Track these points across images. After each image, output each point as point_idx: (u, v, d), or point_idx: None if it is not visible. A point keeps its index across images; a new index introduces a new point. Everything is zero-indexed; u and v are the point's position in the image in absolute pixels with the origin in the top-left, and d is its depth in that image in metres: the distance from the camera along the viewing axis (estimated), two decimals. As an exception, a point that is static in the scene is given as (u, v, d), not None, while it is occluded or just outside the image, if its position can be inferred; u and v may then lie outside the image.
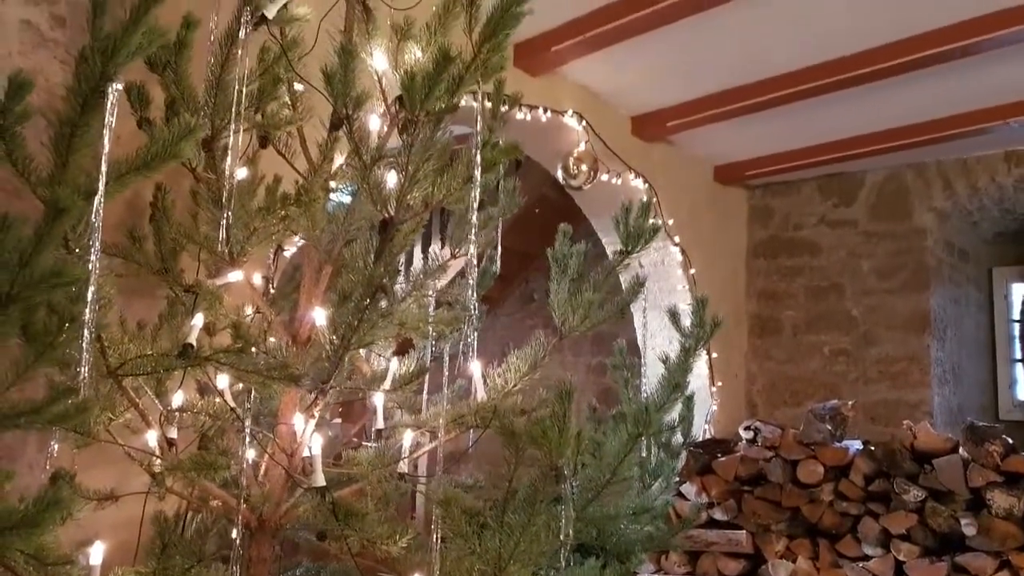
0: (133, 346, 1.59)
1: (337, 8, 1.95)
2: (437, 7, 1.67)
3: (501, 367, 1.96)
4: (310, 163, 1.80)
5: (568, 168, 4.21)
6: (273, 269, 2.20)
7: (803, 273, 5.41)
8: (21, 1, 1.96)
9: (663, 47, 3.62)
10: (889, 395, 4.99)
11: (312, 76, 1.98)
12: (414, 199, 1.45)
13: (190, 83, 1.70)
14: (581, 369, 6.25)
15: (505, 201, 2.06)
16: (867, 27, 3.42)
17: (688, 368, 2.04)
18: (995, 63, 3.59)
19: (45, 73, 2.00)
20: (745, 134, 4.69)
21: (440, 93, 1.33)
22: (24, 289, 1.07)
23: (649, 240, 2.05)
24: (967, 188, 4.89)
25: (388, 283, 1.41)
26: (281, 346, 1.60)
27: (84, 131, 1.22)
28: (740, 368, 5.51)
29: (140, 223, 2.02)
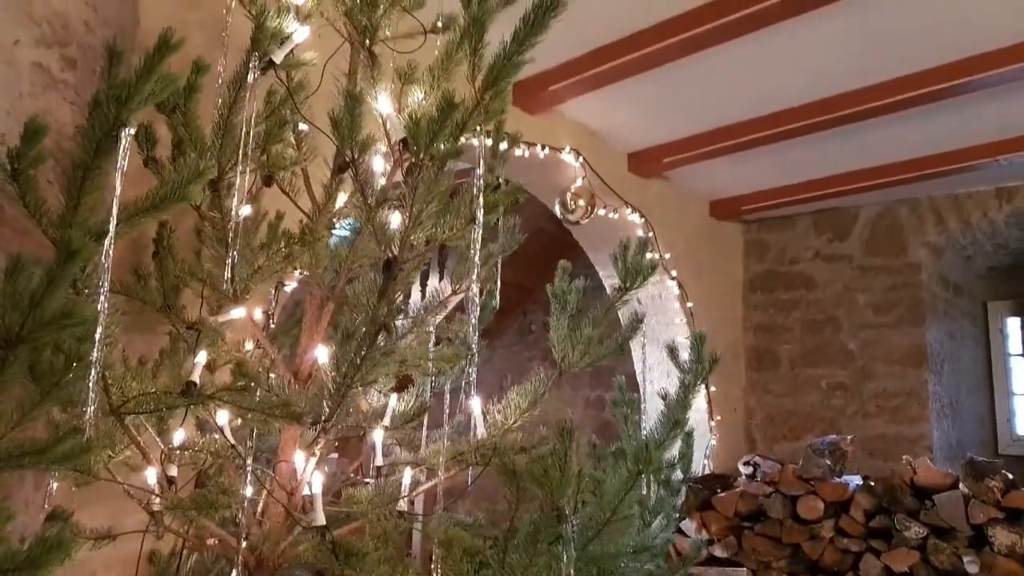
0: (135, 383, 1.60)
1: (342, 50, 2.00)
2: (439, 52, 1.71)
3: (501, 403, 1.96)
4: (314, 203, 1.83)
5: (566, 203, 4.26)
6: (274, 304, 2.22)
7: (799, 307, 5.44)
8: (34, 43, 1.99)
9: (658, 86, 3.69)
10: (888, 430, 4.98)
11: (317, 116, 2.02)
12: (418, 239, 1.47)
13: (198, 124, 1.74)
14: (580, 403, 6.24)
15: (505, 239, 2.09)
16: (860, 66, 3.49)
17: (688, 405, 2.05)
18: (984, 102, 3.66)
19: (54, 114, 2.03)
20: (740, 170, 4.76)
21: (444, 138, 1.36)
22: (34, 330, 1.08)
23: (647, 277, 2.07)
24: (959, 223, 4.94)
25: (391, 322, 1.43)
26: (283, 383, 1.61)
27: (96, 174, 1.24)
28: (738, 402, 5.51)
29: (143, 259, 2.04)
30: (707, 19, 3.07)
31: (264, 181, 1.92)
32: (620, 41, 3.33)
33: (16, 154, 1.19)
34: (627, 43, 3.32)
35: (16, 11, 1.96)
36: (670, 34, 3.19)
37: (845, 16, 3.03)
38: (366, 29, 1.71)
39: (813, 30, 3.15)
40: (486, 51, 1.45)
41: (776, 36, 3.17)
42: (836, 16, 3.02)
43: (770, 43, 3.25)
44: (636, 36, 3.28)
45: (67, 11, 2.09)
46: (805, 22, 3.06)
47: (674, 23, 3.16)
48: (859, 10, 2.99)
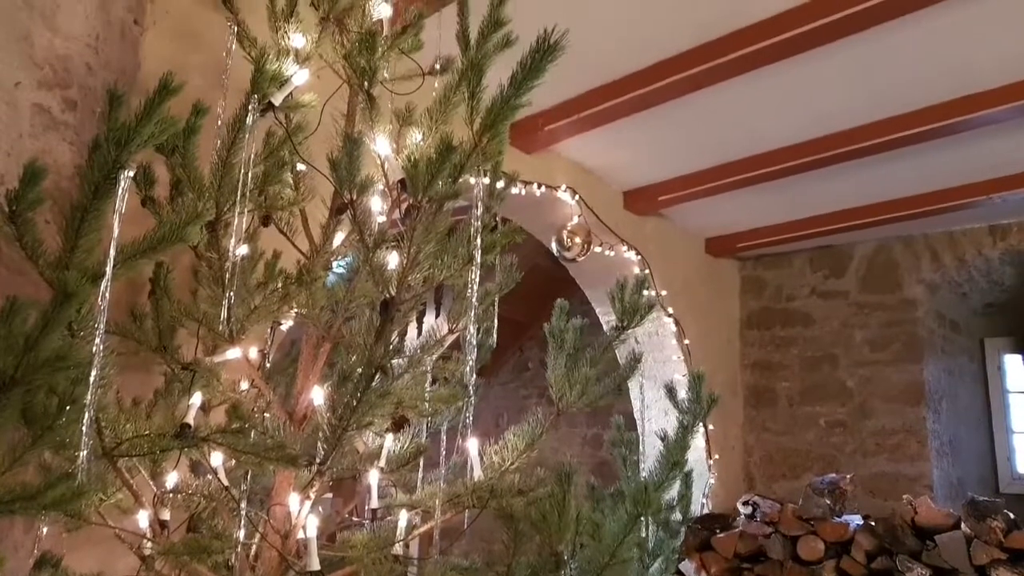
0: (129, 425, 1.58)
1: (340, 91, 2.02)
2: (437, 94, 1.73)
3: (498, 444, 1.95)
4: (311, 243, 1.83)
5: (562, 241, 4.28)
6: (269, 343, 2.21)
7: (797, 344, 5.43)
8: (35, 85, 2.01)
9: (653, 126, 3.73)
10: (887, 468, 4.94)
11: (315, 156, 2.04)
12: (415, 280, 1.47)
13: (196, 165, 1.74)
14: (577, 441, 6.19)
15: (503, 278, 2.09)
16: (854, 105, 3.53)
17: (686, 445, 2.03)
18: (977, 141, 3.70)
19: (54, 154, 2.04)
20: (736, 207, 4.79)
21: (442, 180, 1.37)
22: (28, 373, 1.07)
23: (644, 315, 2.07)
24: (954, 260, 4.96)
25: (388, 363, 1.42)
26: (278, 425, 1.59)
27: (94, 215, 1.24)
28: (737, 440, 5.47)
29: (139, 299, 2.04)
30: (702, 60, 3.12)
31: (262, 221, 1.93)
32: (616, 82, 3.38)
33: (15, 196, 1.19)
34: (622, 84, 3.36)
35: (19, 54, 1.98)
36: (665, 75, 3.24)
37: (838, 57, 3.08)
38: (364, 71, 1.73)
39: (807, 70, 3.20)
40: (484, 94, 1.47)
41: (770, 76, 3.22)
42: (829, 57, 3.07)
43: (764, 83, 3.30)
44: (631, 77, 3.32)
45: (69, 54, 2.12)
46: (799, 62, 3.10)
47: (669, 64, 3.20)
48: (852, 51, 3.04)
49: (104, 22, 2.26)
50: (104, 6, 2.27)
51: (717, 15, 2.91)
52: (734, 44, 3.01)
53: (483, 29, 1.55)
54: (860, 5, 2.69)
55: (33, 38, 2.04)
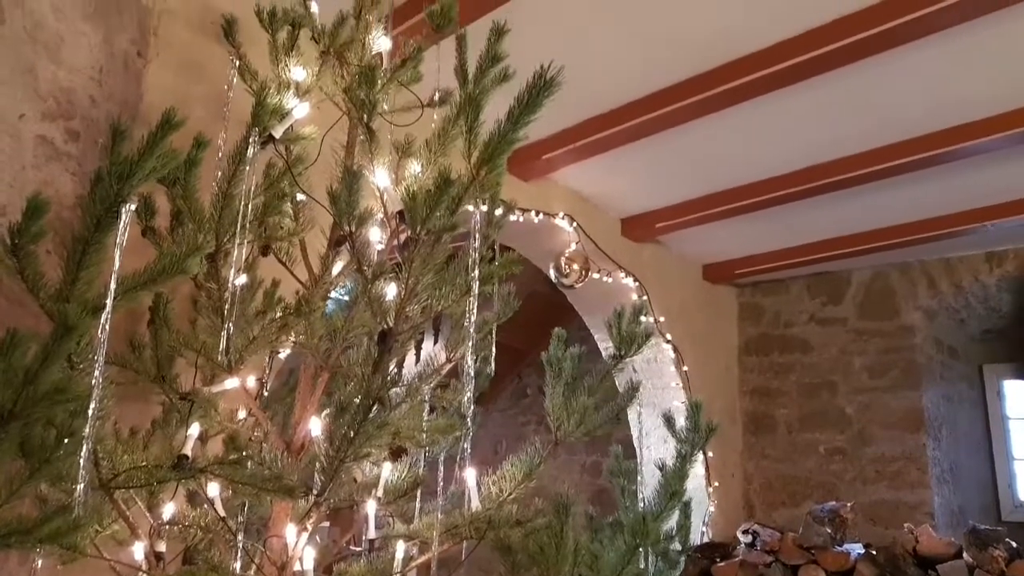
0: (127, 457, 1.58)
1: (340, 122, 2.04)
2: (436, 126, 1.75)
3: (496, 474, 1.94)
4: (311, 274, 1.84)
5: (560, 267, 4.29)
6: (268, 371, 2.21)
7: (795, 370, 5.42)
8: (39, 117, 2.04)
9: (650, 154, 3.76)
10: (888, 495, 4.92)
11: (315, 186, 2.06)
12: (413, 311, 1.48)
13: (197, 197, 1.76)
14: (575, 468, 6.16)
15: (501, 306, 2.10)
16: (848, 134, 3.57)
17: (685, 475, 2.02)
18: (971, 169, 3.73)
19: (56, 185, 2.06)
20: (732, 234, 4.81)
21: (440, 213, 1.39)
22: (27, 406, 1.08)
23: (642, 345, 2.07)
24: (951, 287, 4.98)
25: (385, 395, 1.42)
26: (276, 456, 1.59)
27: (95, 248, 1.26)
28: (736, 467, 5.45)
29: (138, 328, 2.04)
30: (697, 91, 3.16)
31: (261, 251, 1.94)
32: (612, 111, 3.41)
33: (17, 229, 1.20)
34: (619, 113, 3.40)
35: (24, 86, 2.01)
36: (661, 105, 3.27)
37: (831, 87, 3.12)
38: (364, 104, 1.76)
39: (800, 100, 3.23)
40: (482, 127, 1.49)
41: (765, 106, 3.26)
42: (822, 87, 3.11)
43: (759, 113, 3.33)
44: (628, 107, 3.36)
45: (73, 86, 2.15)
46: (792, 93, 3.14)
47: (665, 94, 3.24)
48: (845, 81, 3.08)
49: (108, 54, 2.30)
50: (108, 39, 2.30)
51: (712, 46, 2.96)
52: (729, 75, 3.05)
53: (481, 63, 1.58)
54: (852, 37, 2.74)
55: (38, 71, 2.07)
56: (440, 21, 1.89)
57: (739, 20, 2.78)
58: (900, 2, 2.60)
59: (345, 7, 2.02)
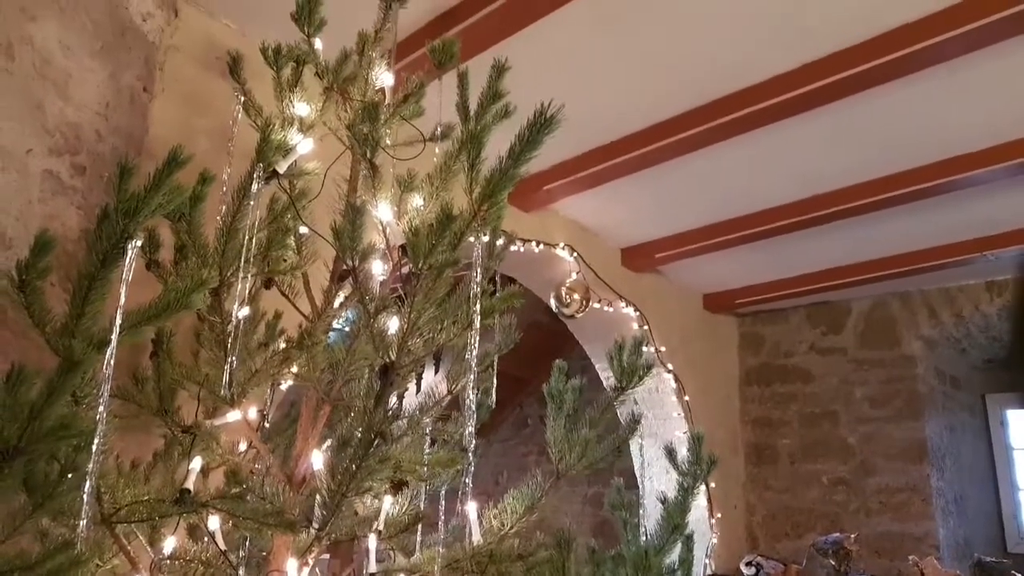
0: (128, 491, 1.58)
1: (343, 156, 2.07)
2: (438, 160, 1.78)
3: (497, 508, 1.93)
4: (313, 306, 1.85)
5: (561, 297, 4.30)
6: (269, 403, 2.21)
7: (797, 400, 5.41)
8: (46, 152, 2.07)
9: (650, 185, 3.80)
10: (892, 527, 4.87)
11: (317, 219, 2.08)
12: (415, 344, 1.49)
13: (201, 232, 1.78)
14: (577, 500, 6.11)
15: (502, 338, 2.10)
16: (847, 165, 3.60)
17: (687, 508, 2.02)
18: (969, 199, 3.76)
19: (61, 218, 2.08)
20: (732, 264, 4.83)
21: (442, 249, 1.40)
22: (31, 442, 1.08)
23: (643, 377, 2.08)
24: (952, 317, 4.98)
25: (387, 429, 1.43)
26: (277, 490, 1.59)
27: (101, 284, 1.27)
28: (739, 498, 5.41)
29: (141, 360, 2.05)
30: (696, 123, 3.19)
31: (264, 284, 1.95)
32: (612, 143, 3.45)
33: (25, 265, 1.22)
34: (619, 145, 3.43)
35: (31, 122, 2.04)
36: (661, 137, 3.31)
37: (829, 119, 3.16)
38: (367, 139, 1.78)
39: (799, 132, 3.27)
40: (483, 163, 1.51)
41: (764, 138, 3.29)
42: (820, 119, 3.14)
43: (758, 144, 3.37)
44: (628, 139, 3.40)
45: (80, 121, 2.18)
46: (791, 125, 3.18)
47: (664, 127, 3.28)
48: (843, 113, 3.12)
49: (114, 90, 2.34)
50: (115, 75, 2.34)
51: (711, 79, 3.00)
52: (728, 107, 3.09)
53: (482, 100, 1.61)
54: (850, 70, 2.78)
55: (46, 107, 2.10)
56: (442, 58, 1.93)
57: (737, 53, 2.82)
58: (897, 36, 2.64)
59: (348, 43, 2.06)
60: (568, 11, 2.50)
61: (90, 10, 2.23)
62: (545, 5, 2.49)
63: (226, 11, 2.64)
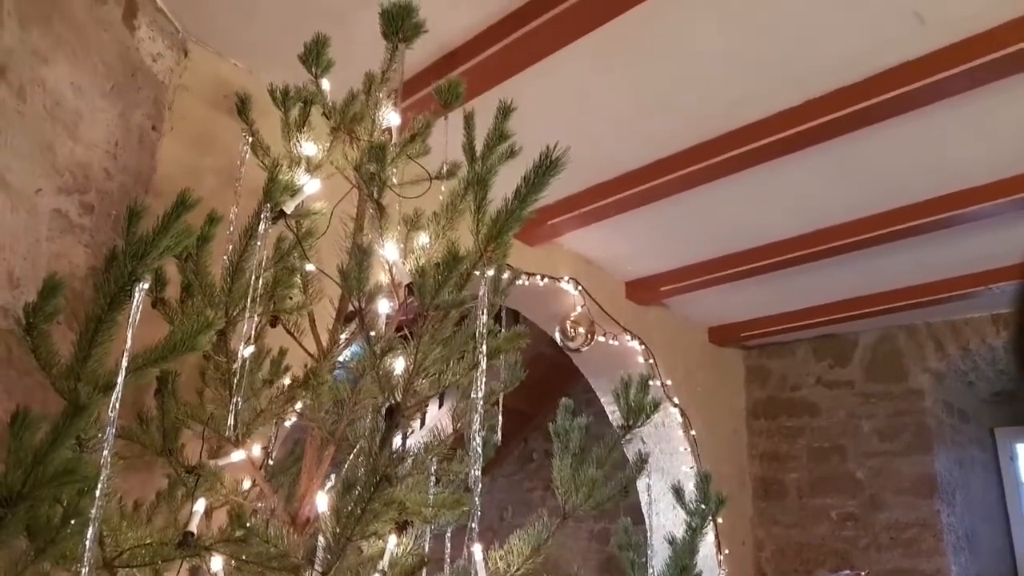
0: (131, 533, 1.56)
1: (350, 194, 2.08)
2: (444, 199, 1.79)
3: (503, 548, 1.91)
4: (319, 346, 1.85)
5: (565, 331, 4.29)
6: (273, 441, 2.20)
7: (804, 434, 5.36)
8: (55, 191, 2.08)
9: (654, 219, 3.81)
10: (903, 563, 4.80)
11: (323, 257, 2.09)
12: (421, 385, 1.48)
13: (209, 271, 1.78)
14: (583, 536, 6.03)
15: (507, 375, 2.09)
16: (850, 200, 3.61)
17: (695, 549, 1.99)
18: (973, 233, 3.76)
19: (69, 256, 2.09)
20: (738, 298, 4.82)
21: (449, 290, 1.40)
22: (35, 487, 1.08)
23: (650, 415, 2.06)
24: (959, 349, 4.96)
25: (392, 472, 1.41)
26: (281, 533, 1.57)
27: (108, 326, 1.27)
28: (747, 534, 5.34)
29: (145, 400, 2.04)
30: (700, 159, 3.21)
31: (270, 322, 1.95)
32: (616, 178, 3.47)
33: (32, 308, 1.22)
34: (623, 180, 3.45)
35: (41, 162, 2.06)
36: (664, 172, 3.33)
37: (833, 154, 3.18)
38: (374, 179, 1.79)
39: (805, 166, 3.28)
40: (490, 204, 1.52)
41: (767, 173, 3.30)
42: (824, 154, 3.16)
43: (762, 179, 3.38)
44: (632, 174, 3.42)
45: (89, 161, 2.20)
46: (794, 160, 3.19)
47: (668, 162, 3.30)
48: (846, 149, 3.14)
49: (124, 129, 2.36)
50: (124, 114, 2.37)
51: (713, 116, 3.02)
52: (733, 142, 3.10)
53: (488, 141, 1.62)
54: (854, 106, 2.79)
55: (56, 147, 2.12)
56: (448, 97, 1.95)
57: (740, 89, 2.85)
58: (899, 73, 2.66)
59: (355, 84, 2.08)
60: (571, 50, 2.53)
61: (102, 52, 2.27)
62: (548, 45, 2.52)
63: (234, 51, 2.67)
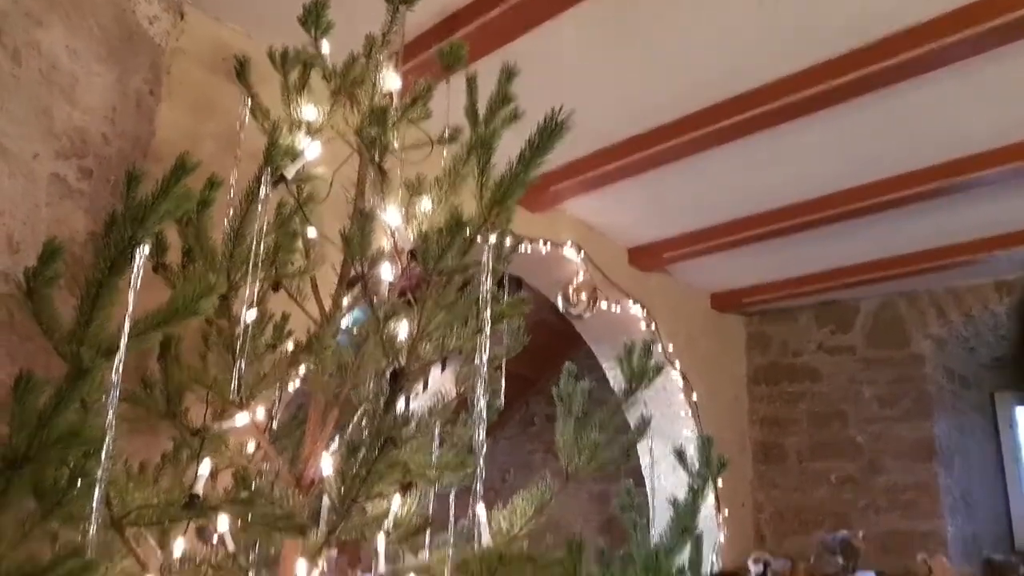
0: (137, 494, 1.58)
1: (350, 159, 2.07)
2: (446, 164, 1.77)
3: (506, 509, 1.93)
4: (321, 310, 1.85)
5: (568, 297, 4.29)
6: (277, 404, 2.21)
7: (805, 399, 5.39)
8: (53, 156, 2.07)
9: (657, 185, 3.78)
10: (900, 525, 4.86)
11: (324, 222, 2.07)
12: (425, 350, 1.49)
13: (209, 235, 1.78)
14: (583, 497, 6.10)
15: (510, 341, 2.10)
16: (854, 166, 3.58)
17: (697, 510, 2.01)
18: (976, 199, 3.74)
19: (68, 222, 2.08)
20: (740, 264, 4.81)
21: (452, 255, 1.40)
22: (41, 450, 1.08)
23: (653, 379, 2.07)
24: (961, 316, 4.96)
25: (397, 434, 1.42)
26: (286, 494, 1.59)
27: (109, 290, 1.27)
28: (747, 496, 5.40)
29: (148, 363, 2.05)
30: (704, 123, 3.18)
31: (272, 287, 1.95)
32: (619, 144, 3.43)
33: (33, 273, 1.22)
34: (626, 146, 3.42)
35: (39, 127, 2.04)
36: (666, 138, 3.30)
37: (836, 121, 3.14)
38: (375, 143, 1.78)
39: (809, 132, 3.25)
40: (493, 165, 1.50)
41: (770, 140, 3.28)
42: (827, 121, 3.13)
43: (767, 145, 3.35)
44: (634, 139, 3.38)
45: (87, 125, 2.18)
46: (796, 127, 3.16)
47: (670, 128, 3.27)
48: (849, 115, 3.10)
49: (121, 94, 2.34)
50: (121, 79, 2.34)
51: (719, 81, 2.98)
52: (736, 109, 3.07)
53: (491, 104, 1.60)
54: (858, 72, 2.76)
55: (52, 111, 2.10)
56: (450, 60, 1.92)
57: (744, 55, 2.81)
58: (904, 38, 2.62)
59: (355, 47, 2.05)
60: (574, 14, 2.49)
61: (97, 15, 2.23)
62: (550, 8, 2.48)
63: (232, 14, 2.63)
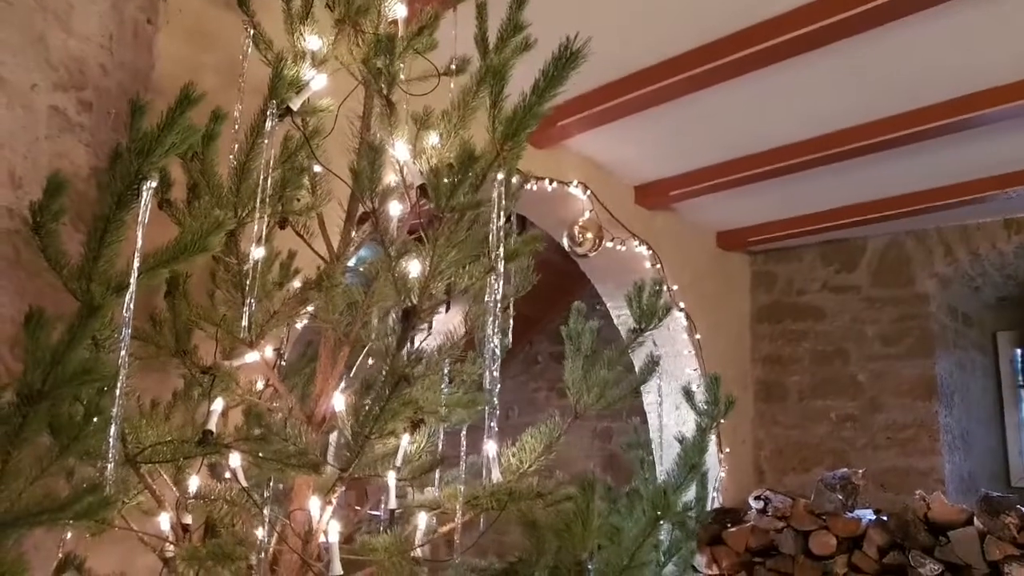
0: (151, 431, 1.59)
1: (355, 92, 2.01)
2: (455, 97, 1.72)
3: (515, 446, 1.94)
4: (329, 248, 1.82)
5: (574, 236, 4.26)
6: (285, 342, 2.21)
7: (808, 338, 5.41)
8: (51, 87, 2.01)
9: (664, 122, 3.71)
10: (899, 462, 4.93)
11: (330, 157, 2.03)
12: (437, 288, 1.47)
13: (215, 170, 1.74)
14: (587, 434, 6.19)
15: (519, 280, 2.08)
16: (864, 102, 3.50)
17: (704, 448, 2.03)
18: (989, 136, 3.66)
19: (70, 156, 2.04)
20: (746, 202, 4.76)
21: (464, 191, 1.36)
22: (55, 386, 1.08)
23: (662, 318, 2.06)
24: (968, 254, 4.93)
25: (410, 372, 1.42)
26: (299, 431, 1.60)
27: (116, 225, 1.24)
28: (747, 434, 5.47)
29: (156, 301, 2.04)
30: (711, 58, 3.10)
31: (279, 224, 1.92)
32: (627, 78, 3.35)
33: (39, 208, 1.19)
34: (634, 80, 3.34)
35: (34, 56, 1.98)
36: (673, 73, 3.22)
37: (845, 54, 3.06)
38: (382, 74, 1.72)
39: (816, 68, 3.17)
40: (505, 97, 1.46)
41: (779, 74, 3.19)
42: (836, 54, 3.04)
43: (774, 80, 3.27)
44: (642, 73, 3.30)
45: (84, 55, 2.12)
46: (805, 61, 3.08)
47: (679, 61, 3.18)
48: (860, 49, 3.02)
49: (117, 22, 2.26)
50: (117, 6, 2.26)
51: (726, 14, 2.89)
52: (743, 42, 2.99)
53: (502, 33, 1.54)
54: (867, 4, 2.66)
55: (48, 40, 2.03)
56: (457, -12, 1.85)
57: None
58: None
59: (360, -27, 1.97)
60: (587, -63, 2.40)
61: (90, -63, 2.14)
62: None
63: (230, -62, 2.53)
